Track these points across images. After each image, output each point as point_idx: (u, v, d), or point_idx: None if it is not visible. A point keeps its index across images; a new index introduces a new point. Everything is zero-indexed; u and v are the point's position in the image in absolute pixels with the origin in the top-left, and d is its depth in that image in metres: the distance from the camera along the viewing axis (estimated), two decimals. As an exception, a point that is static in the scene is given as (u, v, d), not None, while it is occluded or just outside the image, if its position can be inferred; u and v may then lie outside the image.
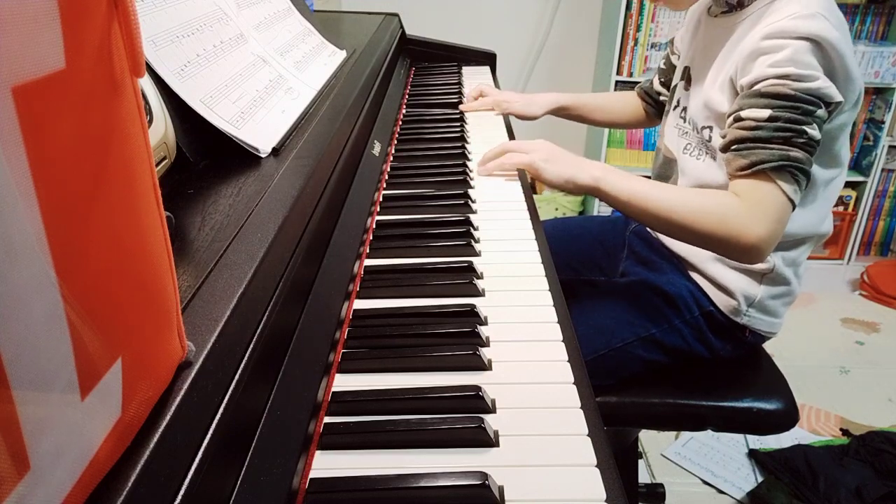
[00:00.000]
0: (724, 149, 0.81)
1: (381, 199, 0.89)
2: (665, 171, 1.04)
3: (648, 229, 1.07)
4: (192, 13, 0.70)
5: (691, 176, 0.95)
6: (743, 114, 0.79)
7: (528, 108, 1.27)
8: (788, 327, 0.98)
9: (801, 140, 0.76)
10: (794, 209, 0.79)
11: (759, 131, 0.77)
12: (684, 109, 0.98)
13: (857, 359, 1.96)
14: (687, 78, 0.99)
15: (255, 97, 0.71)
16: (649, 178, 1.06)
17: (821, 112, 0.76)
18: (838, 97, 0.77)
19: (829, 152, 0.85)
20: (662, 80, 1.18)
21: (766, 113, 0.76)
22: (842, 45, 0.77)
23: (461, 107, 1.30)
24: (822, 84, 0.76)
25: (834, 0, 0.81)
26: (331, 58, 1.03)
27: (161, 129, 0.54)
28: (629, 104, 1.27)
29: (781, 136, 0.76)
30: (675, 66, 1.08)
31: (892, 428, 1.65)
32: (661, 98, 1.18)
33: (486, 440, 0.49)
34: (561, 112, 1.28)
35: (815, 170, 0.83)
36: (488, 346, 0.61)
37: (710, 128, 0.91)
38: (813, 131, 0.76)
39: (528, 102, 1.28)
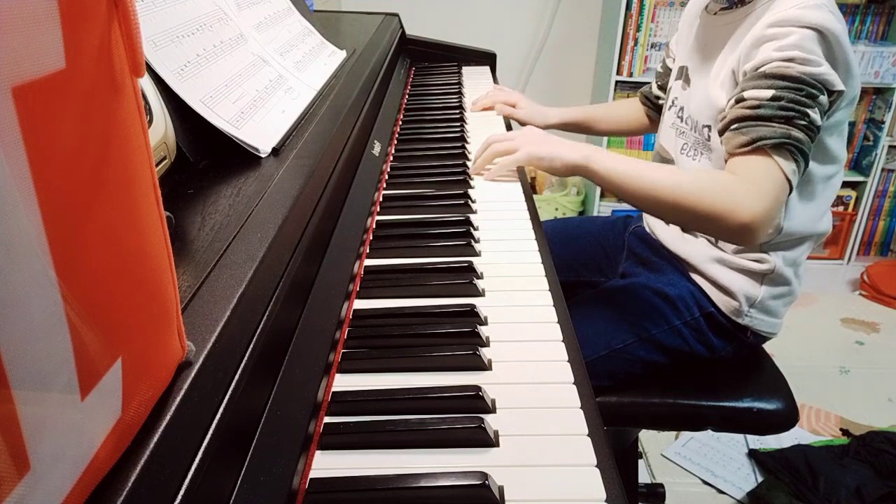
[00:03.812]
0: (723, 129, 0.81)
1: (381, 199, 0.89)
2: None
3: (647, 230, 1.07)
4: (192, 13, 0.70)
5: None
6: (746, 94, 0.78)
7: (532, 117, 1.26)
8: (788, 327, 0.98)
9: (803, 122, 0.76)
10: (790, 191, 0.78)
11: (761, 110, 0.77)
12: (681, 109, 0.98)
13: (857, 359, 1.96)
14: (685, 77, 0.99)
15: (255, 97, 0.71)
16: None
17: (823, 98, 0.77)
18: (840, 86, 0.78)
19: (824, 149, 0.85)
20: (660, 83, 1.18)
21: (769, 93, 0.76)
22: (844, 38, 0.78)
23: (471, 106, 1.30)
24: (826, 70, 0.76)
25: None
26: (331, 58, 1.03)
27: (161, 129, 0.54)
28: (632, 111, 1.26)
29: (784, 115, 0.76)
30: (671, 70, 1.08)
31: (892, 428, 1.65)
32: (661, 102, 1.18)
33: (486, 440, 0.49)
34: (568, 127, 1.28)
35: (812, 166, 0.83)
36: (488, 346, 0.61)
37: (710, 126, 0.91)
38: (815, 115, 0.76)
39: (535, 112, 1.27)
